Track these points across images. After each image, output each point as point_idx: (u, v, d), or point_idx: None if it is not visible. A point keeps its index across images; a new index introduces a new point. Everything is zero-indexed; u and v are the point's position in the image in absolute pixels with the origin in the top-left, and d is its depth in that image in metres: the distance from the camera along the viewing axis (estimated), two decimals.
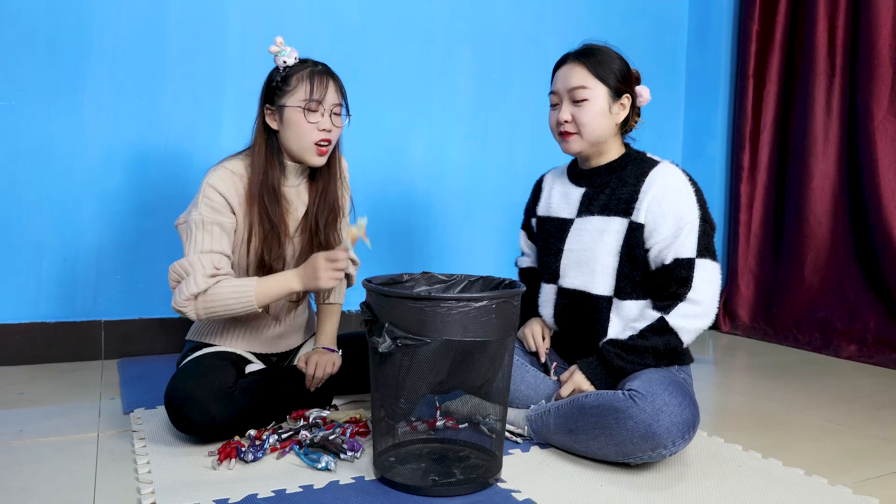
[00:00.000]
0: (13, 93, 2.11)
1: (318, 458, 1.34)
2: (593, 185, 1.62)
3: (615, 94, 1.55)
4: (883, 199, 2.57)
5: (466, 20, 2.79)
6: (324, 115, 1.60)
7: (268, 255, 1.63)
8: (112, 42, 2.22)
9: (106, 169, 2.24)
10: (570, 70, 1.57)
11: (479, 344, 1.22)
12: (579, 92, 1.54)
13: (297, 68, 1.59)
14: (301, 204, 1.70)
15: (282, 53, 1.59)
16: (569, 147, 1.59)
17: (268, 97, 1.62)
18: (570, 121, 1.56)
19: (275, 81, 1.60)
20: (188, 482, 1.26)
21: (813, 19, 2.81)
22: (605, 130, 1.56)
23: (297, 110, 1.58)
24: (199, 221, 1.55)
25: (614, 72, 1.55)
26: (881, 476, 1.41)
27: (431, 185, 2.76)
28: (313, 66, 1.61)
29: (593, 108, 1.54)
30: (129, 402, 1.76)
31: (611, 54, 1.57)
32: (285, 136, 1.61)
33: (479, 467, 1.34)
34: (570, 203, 1.66)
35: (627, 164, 1.60)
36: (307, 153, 1.61)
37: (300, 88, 1.57)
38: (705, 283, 1.48)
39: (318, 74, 1.59)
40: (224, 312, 1.52)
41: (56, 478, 1.29)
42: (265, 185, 1.61)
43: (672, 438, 1.30)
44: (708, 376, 2.28)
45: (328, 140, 1.61)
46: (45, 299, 2.19)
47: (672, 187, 1.52)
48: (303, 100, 1.57)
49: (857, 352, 2.58)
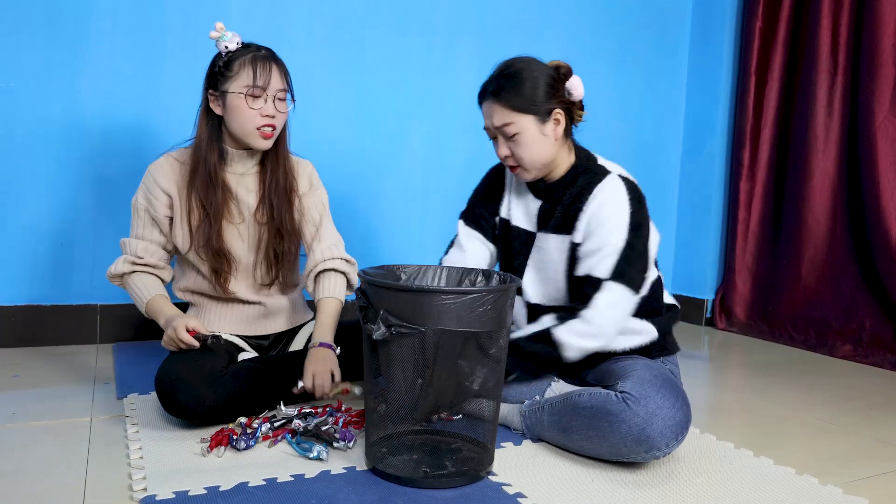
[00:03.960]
0: (11, 75, 2.10)
1: (310, 447, 1.34)
2: (549, 200, 1.60)
3: (545, 114, 1.50)
4: (882, 199, 2.57)
5: (468, 11, 2.77)
6: (267, 101, 1.59)
7: (201, 239, 1.64)
8: (111, 25, 2.21)
9: (104, 153, 2.23)
10: (490, 109, 1.53)
11: (473, 335, 1.22)
12: (507, 129, 1.51)
13: (239, 53, 1.59)
14: (247, 192, 1.69)
15: (223, 39, 1.58)
16: (521, 178, 1.59)
17: (211, 83, 1.62)
18: (510, 154, 1.54)
19: (217, 66, 1.60)
20: (180, 469, 1.26)
21: (816, 17, 2.80)
22: (546, 154, 1.53)
23: (239, 96, 1.57)
24: (135, 207, 1.68)
25: (536, 97, 1.49)
26: (872, 476, 1.41)
27: (430, 177, 2.75)
28: (256, 52, 1.60)
29: (525, 139, 1.51)
30: (123, 387, 1.76)
31: (528, 77, 1.50)
32: (229, 121, 1.61)
33: (470, 460, 1.34)
34: (529, 216, 1.64)
35: (578, 176, 1.57)
36: (251, 137, 1.61)
37: (242, 74, 1.57)
38: (608, 307, 1.45)
39: (261, 60, 1.58)
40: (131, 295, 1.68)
41: (48, 461, 1.29)
42: (201, 171, 1.62)
43: (665, 441, 1.30)
44: (702, 373, 2.29)
45: (272, 125, 1.61)
46: (41, 282, 2.19)
47: (608, 205, 1.49)
48: (245, 85, 1.57)
49: (853, 351, 2.59)
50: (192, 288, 1.74)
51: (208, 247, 1.64)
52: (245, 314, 1.75)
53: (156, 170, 1.66)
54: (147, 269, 1.68)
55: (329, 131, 2.55)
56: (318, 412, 1.54)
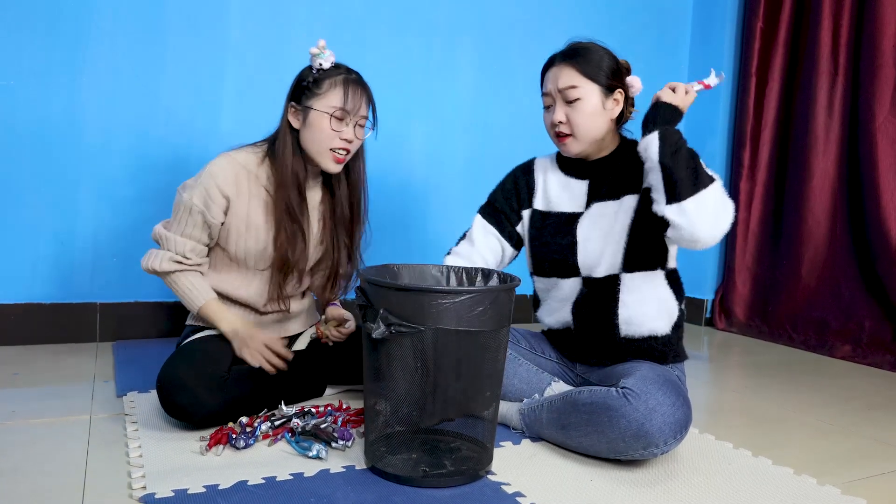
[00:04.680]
0: (11, 73, 2.10)
1: (310, 446, 1.34)
2: (597, 176, 1.60)
3: (607, 90, 1.54)
4: (882, 200, 2.57)
5: (468, 11, 2.78)
6: (349, 125, 1.59)
7: (292, 254, 1.63)
8: (112, 25, 2.21)
9: (104, 152, 2.23)
10: (559, 71, 1.55)
11: (472, 334, 1.22)
12: (570, 92, 1.52)
13: (330, 72, 1.58)
14: (312, 207, 1.69)
15: (321, 56, 1.57)
16: (567, 149, 1.58)
17: (295, 95, 1.61)
18: (565, 121, 1.54)
19: (306, 81, 1.58)
20: (179, 467, 1.26)
21: (817, 18, 2.80)
22: (600, 129, 1.55)
23: (323, 115, 1.57)
24: (188, 205, 1.60)
25: (603, 69, 1.53)
26: (870, 477, 1.42)
27: (430, 175, 2.75)
28: (347, 74, 1.59)
29: (586, 107, 1.53)
30: (123, 385, 1.76)
31: (598, 51, 1.55)
32: (305, 136, 1.60)
33: (469, 459, 1.34)
34: (574, 196, 1.62)
35: (625, 153, 1.59)
36: (323, 158, 1.60)
37: (332, 94, 1.57)
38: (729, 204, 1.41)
39: (353, 84, 1.58)
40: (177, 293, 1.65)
41: (47, 459, 1.29)
42: (291, 182, 1.60)
43: (664, 438, 1.30)
44: (702, 373, 2.29)
45: (347, 150, 1.61)
46: (41, 281, 2.19)
47: None
48: (333, 107, 1.56)
49: (852, 352, 2.59)
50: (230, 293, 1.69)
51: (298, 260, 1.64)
52: (266, 318, 1.74)
53: (219, 173, 1.60)
54: (193, 268, 1.65)
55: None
56: (317, 411, 1.54)
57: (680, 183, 1.37)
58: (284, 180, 1.60)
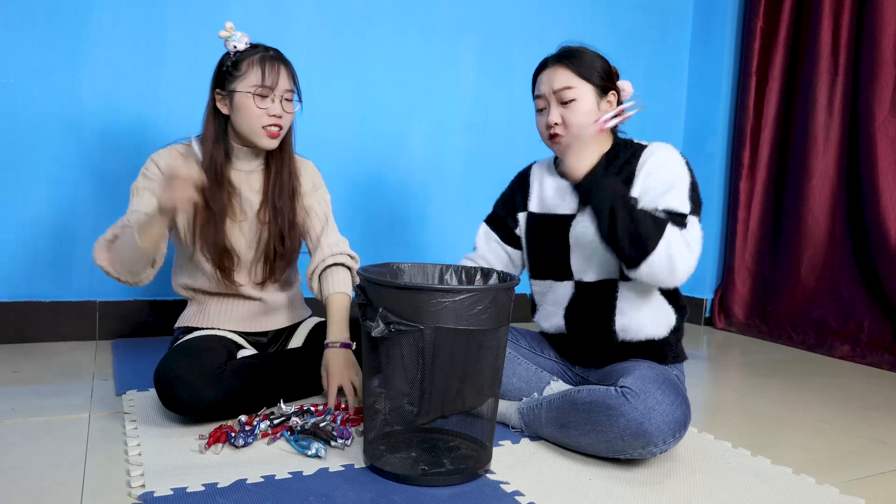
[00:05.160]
0: (12, 70, 2.10)
1: (309, 444, 1.35)
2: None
3: (601, 91, 1.55)
4: (881, 199, 2.57)
5: (468, 10, 2.78)
6: (274, 101, 1.61)
7: (206, 238, 1.64)
8: (112, 22, 2.21)
9: (104, 149, 2.23)
10: (554, 72, 1.55)
11: (472, 333, 1.22)
12: (566, 93, 1.53)
13: (247, 53, 1.60)
14: (251, 190, 1.71)
15: (232, 38, 1.60)
16: (561, 151, 1.57)
17: (218, 82, 1.63)
18: (560, 122, 1.54)
19: (225, 66, 1.61)
20: (178, 465, 1.26)
21: (818, 18, 2.80)
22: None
23: (247, 96, 1.59)
24: (133, 189, 1.64)
25: (597, 70, 1.54)
26: (869, 476, 1.42)
27: (430, 174, 2.75)
28: (264, 52, 1.61)
29: (581, 107, 1.53)
30: (122, 383, 1.76)
31: (590, 54, 1.57)
32: (236, 120, 1.63)
33: (468, 458, 1.34)
34: (567, 198, 1.62)
35: (619, 152, 1.58)
36: (257, 137, 1.63)
37: (251, 74, 1.58)
38: (697, 236, 1.43)
39: (270, 60, 1.60)
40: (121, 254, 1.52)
41: (46, 457, 1.29)
42: (208, 168, 1.62)
43: (663, 437, 1.30)
44: (701, 372, 2.29)
45: (279, 125, 1.63)
46: (41, 278, 2.19)
47: (664, 158, 1.51)
48: (253, 85, 1.58)
49: (851, 352, 2.59)
50: (192, 285, 1.74)
51: (214, 245, 1.65)
52: (245, 310, 1.75)
53: (159, 158, 1.67)
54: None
55: (329, 130, 2.55)
56: (316, 409, 1.54)
57: (627, 254, 1.39)
58: (202, 166, 1.62)
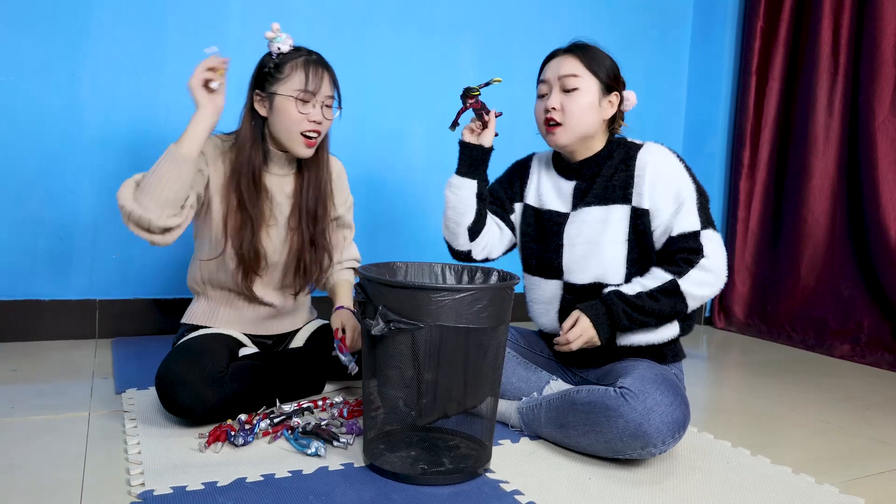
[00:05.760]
0: (11, 68, 2.10)
1: (308, 443, 1.35)
2: (584, 178, 1.60)
3: (605, 89, 1.55)
4: (882, 199, 2.57)
5: (469, 9, 2.77)
6: (315, 107, 1.58)
7: (241, 243, 1.60)
8: (112, 20, 2.21)
9: (103, 147, 2.23)
10: (563, 60, 1.56)
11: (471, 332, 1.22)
12: (571, 80, 1.53)
13: (291, 56, 1.57)
14: (283, 195, 1.68)
15: (277, 40, 1.56)
16: (555, 140, 1.56)
17: (258, 83, 1.60)
18: (559, 108, 1.54)
19: (267, 67, 1.58)
20: (178, 464, 1.26)
21: (818, 17, 2.80)
22: (591, 124, 1.54)
23: (288, 99, 1.56)
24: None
25: (605, 67, 1.55)
26: (869, 476, 1.42)
27: (430, 173, 2.75)
28: (308, 56, 1.58)
29: (583, 98, 1.53)
30: (122, 382, 1.76)
31: (602, 52, 1.58)
32: (274, 123, 1.60)
33: (468, 457, 1.34)
34: (562, 196, 1.62)
35: (613, 150, 1.58)
36: (294, 143, 1.60)
37: (294, 77, 1.55)
38: (719, 251, 1.49)
39: (314, 65, 1.57)
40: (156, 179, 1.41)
41: (46, 456, 1.29)
42: (245, 172, 1.59)
43: (662, 437, 1.30)
44: (701, 372, 2.29)
45: (317, 132, 1.60)
46: (40, 276, 2.19)
47: (664, 166, 1.52)
48: (296, 90, 1.55)
49: (851, 351, 2.59)
50: (209, 280, 1.70)
51: (249, 250, 1.61)
52: (256, 314, 1.74)
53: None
54: None
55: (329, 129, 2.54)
56: (316, 405, 1.55)
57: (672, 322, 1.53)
58: (238, 167, 1.59)
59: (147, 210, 1.41)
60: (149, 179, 1.42)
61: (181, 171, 1.43)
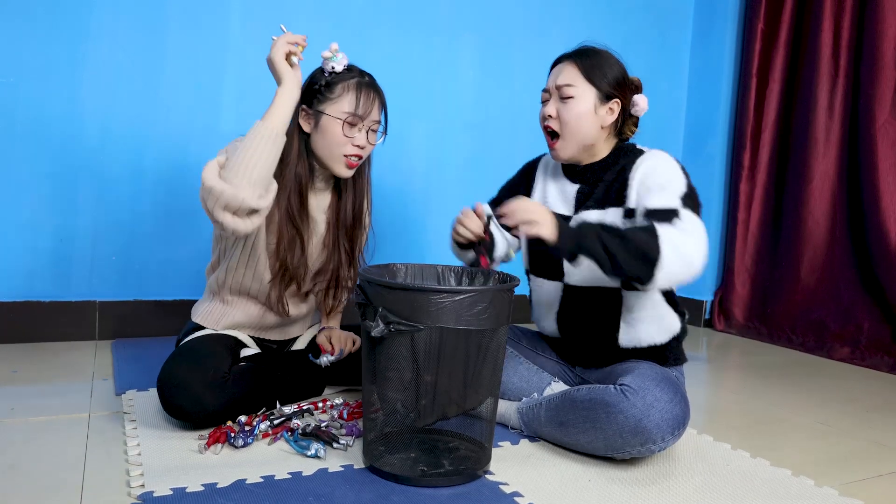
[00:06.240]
0: (11, 70, 2.10)
1: (308, 445, 1.34)
2: (588, 182, 1.59)
3: (604, 97, 1.52)
4: (882, 202, 2.57)
5: (469, 10, 2.78)
6: (361, 131, 1.56)
7: (290, 259, 1.58)
8: (112, 21, 2.21)
9: (104, 149, 2.23)
10: (562, 68, 1.55)
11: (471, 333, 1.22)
12: (566, 90, 1.52)
13: (343, 76, 1.55)
14: (320, 211, 1.67)
15: (333, 59, 1.54)
16: (556, 155, 1.57)
17: (306, 98, 1.57)
18: (555, 116, 1.54)
19: (318, 84, 1.55)
20: (178, 465, 1.26)
21: (818, 20, 2.80)
22: (588, 132, 1.53)
23: (335, 121, 1.53)
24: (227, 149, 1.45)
25: (607, 75, 1.52)
26: (868, 478, 1.42)
27: (430, 175, 2.75)
28: (360, 78, 1.56)
29: (578, 107, 1.51)
30: (122, 383, 1.76)
31: (608, 59, 1.55)
32: (316, 141, 1.57)
33: (468, 459, 1.34)
34: (566, 200, 1.62)
35: (619, 157, 1.57)
36: (335, 164, 1.57)
37: (345, 99, 1.54)
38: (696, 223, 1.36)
39: (366, 88, 1.55)
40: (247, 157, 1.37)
41: (46, 457, 1.29)
42: (293, 186, 1.56)
43: (662, 434, 1.30)
44: (700, 374, 2.29)
45: (360, 156, 1.58)
46: (40, 278, 2.19)
47: (657, 164, 1.49)
48: (345, 112, 1.53)
49: (850, 354, 2.59)
50: (235, 287, 1.66)
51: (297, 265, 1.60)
52: (271, 321, 1.72)
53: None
54: None
55: None
56: (316, 406, 1.55)
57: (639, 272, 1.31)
58: (287, 183, 1.56)
59: (240, 188, 1.35)
60: (238, 158, 1.37)
61: (272, 148, 1.40)
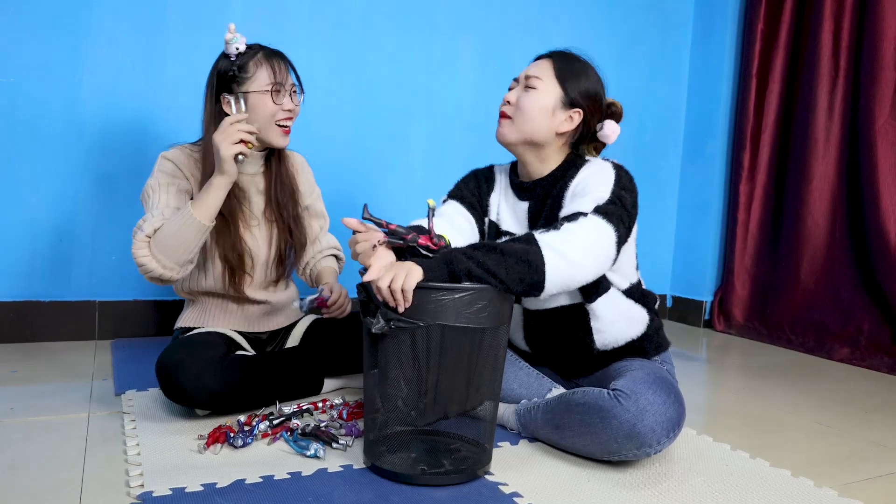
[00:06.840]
0: (11, 69, 2.10)
1: (308, 445, 1.34)
2: (536, 199, 1.55)
3: (568, 102, 1.49)
4: (881, 202, 2.57)
5: (469, 10, 2.78)
6: (286, 96, 1.63)
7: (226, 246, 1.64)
8: (112, 20, 2.21)
9: (103, 148, 2.23)
10: (538, 62, 1.55)
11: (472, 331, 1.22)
12: (533, 80, 1.51)
13: (248, 55, 1.61)
14: (257, 193, 1.72)
15: (234, 41, 1.59)
16: (501, 132, 1.54)
17: (222, 87, 1.62)
18: (513, 103, 1.52)
19: (231, 71, 1.60)
20: (177, 465, 1.26)
21: (818, 20, 2.80)
22: (539, 127, 1.49)
23: (263, 94, 1.60)
24: (154, 186, 1.61)
25: (579, 83, 1.49)
26: (868, 479, 1.42)
27: (430, 175, 2.75)
28: (263, 50, 1.63)
29: (538, 99, 1.49)
30: (121, 383, 1.76)
31: (587, 69, 1.51)
32: (251, 122, 1.60)
33: (468, 459, 1.34)
34: (518, 219, 1.59)
35: (567, 171, 1.52)
36: (273, 135, 1.64)
37: (261, 73, 1.60)
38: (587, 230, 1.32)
39: (275, 57, 1.63)
40: (175, 242, 1.49)
41: (45, 457, 1.29)
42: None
43: (657, 437, 1.30)
44: (700, 375, 2.29)
45: (291, 118, 1.65)
46: (40, 278, 2.19)
47: (592, 173, 1.45)
48: (268, 84, 1.60)
49: (850, 354, 2.59)
50: (197, 288, 1.72)
51: (232, 251, 1.65)
52: (250, 312, 1.76)
53: (172, 154, 1.65)
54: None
55: (329, 129, 2.55)
56: (316, 406, 1.55)
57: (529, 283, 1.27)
58: (208, 172, 1.59)
59: (168, 269, 1.51)
60: (168, 242, 1.49)
61: (201, 236, 1.52)
